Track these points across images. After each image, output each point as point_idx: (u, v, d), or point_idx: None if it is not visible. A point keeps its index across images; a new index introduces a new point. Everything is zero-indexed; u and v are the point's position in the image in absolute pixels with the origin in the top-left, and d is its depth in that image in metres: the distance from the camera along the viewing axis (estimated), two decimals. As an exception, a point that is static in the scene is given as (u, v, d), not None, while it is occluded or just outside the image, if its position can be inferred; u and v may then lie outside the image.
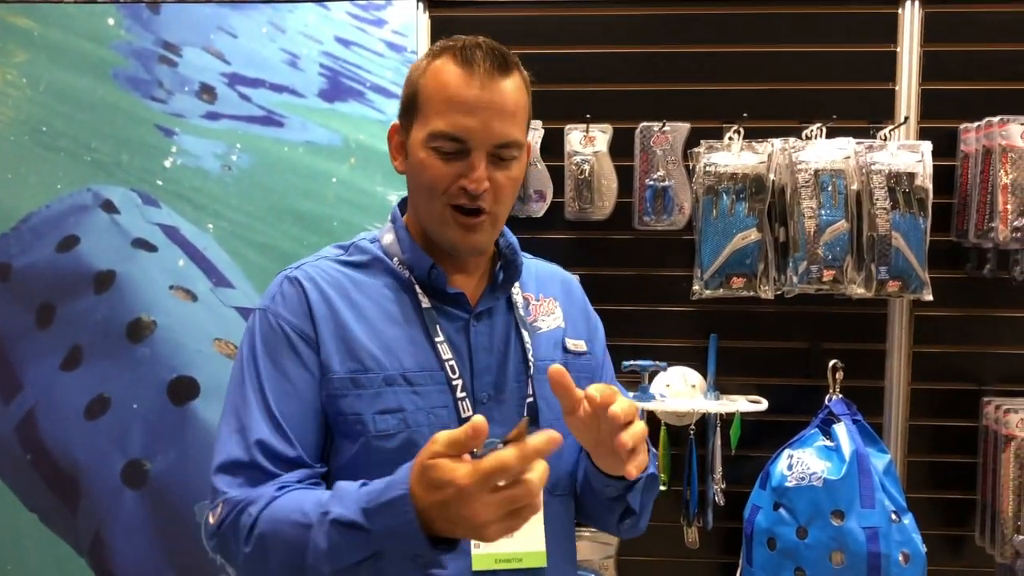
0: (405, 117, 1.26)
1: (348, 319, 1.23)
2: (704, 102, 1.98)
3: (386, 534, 1.02)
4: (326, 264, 1.28)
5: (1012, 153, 1.81)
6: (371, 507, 1.03)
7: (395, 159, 1.30)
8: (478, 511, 0.94)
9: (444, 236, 1.23)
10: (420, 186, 1.22)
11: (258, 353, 1.23)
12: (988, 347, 1.97)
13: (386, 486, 1.03)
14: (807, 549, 1.67)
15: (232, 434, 1.20)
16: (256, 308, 1.27)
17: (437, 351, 1.23)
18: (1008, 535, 1.85)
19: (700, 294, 1.89)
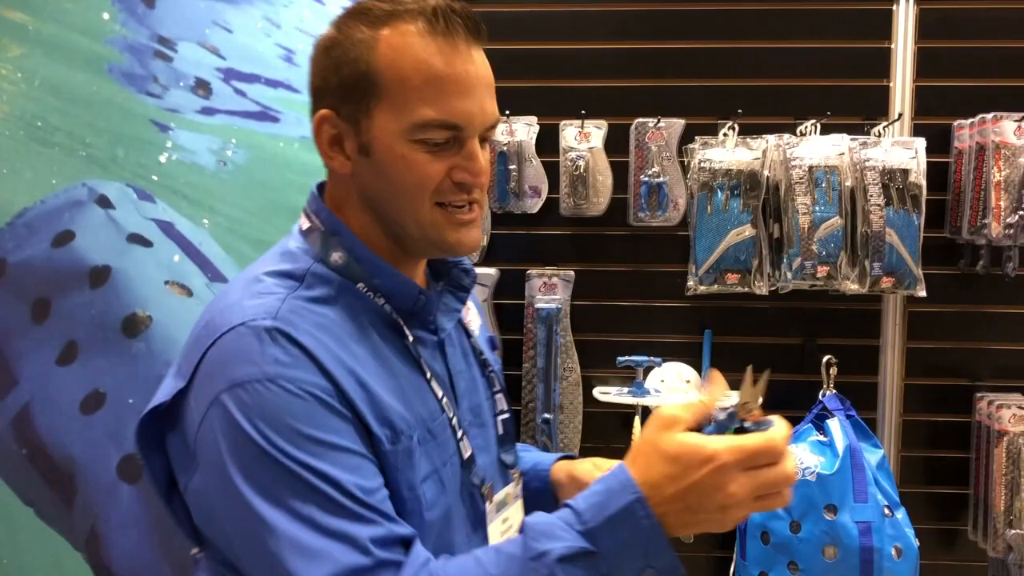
0: (347, 104, 1.01)
1: (362, 374, 0.97)
2: (699, 98, 1.99)
3: (619, 551, 0.89)
4: (296, 305, 0.98)
5: (1005, 150, 1.82)
6: (595, 526, 0.88)
7: (331, 158, 1.03)
8: (734, 492, 0.85)
9: (437, 241, 1.04)
10: (398, 188, 1.01)
11: (285, 440, 0.90)
12: (981, 343, 1.98)
13: (604, 497, 0.90)
14: (800, 543, 1.68)
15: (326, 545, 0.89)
16: (237, 386, 0.91)
17: (433, 390, 1.05)
18: (1000, 529, 1.86)
19: (695, 290, 1.89)
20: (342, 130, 1.02)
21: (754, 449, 0.87)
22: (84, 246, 2.18)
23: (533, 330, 1.98)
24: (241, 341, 0.94)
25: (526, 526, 0.92)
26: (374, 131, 1.00)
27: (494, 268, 2.01)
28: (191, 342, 1.01)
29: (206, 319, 1.00)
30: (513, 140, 1.97)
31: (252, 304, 0.97)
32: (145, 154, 2.15)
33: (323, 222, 1.06)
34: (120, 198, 2.16)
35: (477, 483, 1.08)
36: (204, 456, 0.95)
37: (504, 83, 2.02)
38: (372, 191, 1.03)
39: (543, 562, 0.88)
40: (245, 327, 0.94)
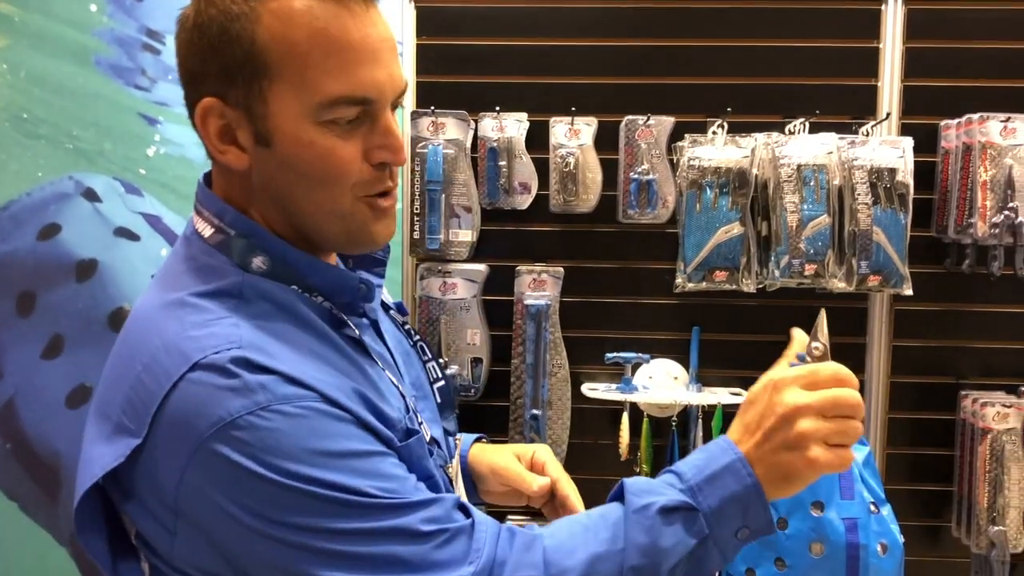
0: (233, 88, 0.87)
1: (345, 382, 0.89)
2: (688, 96, 1.99)
3: (719, 509, 0.90)
4: (254, 325, 0.87)
5: (991, 150, 1.84)
6: (696, 483, 0.90)
7: (222, 152, 0.90)
8: (797, 406, 0.89)
9: (358, 236, 0.94)
10: (312, 180, 0.89)
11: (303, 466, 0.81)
12: (966, 341, 1.99)
13: (705, 459, 0.92)
14: (787, 540, 1.69)
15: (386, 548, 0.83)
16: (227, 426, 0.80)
17: (390, 378, 0.99)
18: (983, 526, 1.87)
19: (683, 287, 1.90)
20: (232, 119, 0.89)
21: (813, 368, 0.93)
22: (70, 239, 2.17)
23: (522, 326, 1.99)
24: (211, 379, 0.82)
25: (626, 485, 0.92)
26: (272, 117, 0.87)
27: (483, 264, 2.01)
28: (128, 389, 0.86)
29: (142, 361, 0.86)
30: (503, 136, 1.97)
31: (204, 334, 0.84)
32: (133, 147, 2.15)
33: (230, 224, 0.92)
34: (107, 191, 2.16)
35: (441, 463, 1.04)
36: (197, 517, 0.83)
37: (495, 79, 2.05)
38: (279, 185, 0.90)
39: (645, 514, 0.89)
40: (210, 361, 0.82)
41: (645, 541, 0.88)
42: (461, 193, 1.99)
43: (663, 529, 0.88)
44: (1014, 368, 1.98)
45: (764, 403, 0.92)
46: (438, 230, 1.97)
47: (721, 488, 0.90)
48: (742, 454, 0.91)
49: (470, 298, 2.00)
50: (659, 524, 0.88)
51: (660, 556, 0.88)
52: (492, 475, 1.19)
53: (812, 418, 0.90)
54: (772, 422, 0.90)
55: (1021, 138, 1.85)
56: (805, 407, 0.90)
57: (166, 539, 0.87)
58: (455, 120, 1.98)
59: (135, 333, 0.91)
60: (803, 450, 0.89)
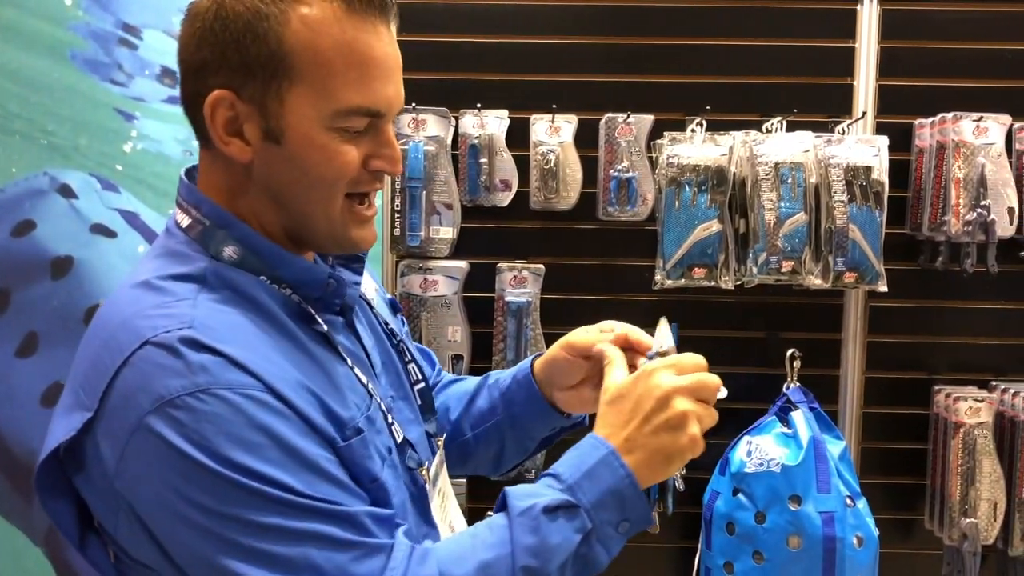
0: (251, 84, 0.90)
1: (294, 374, 0.90)
2: (668, 94, 2.01)
3: (598, 503, 0.93)
4: (210, 308, 0.89)
5: (964, 149, 1.87)
6: (574, 481, 0.93)
7: (227, 143, 0.92)
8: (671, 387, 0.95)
9: (340, 238, 0.98)
10: (314, 178, 0.93)
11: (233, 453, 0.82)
12: (940, 337, 2.02)
13: (578, 457, 0.95)
14: (765, 533, 1.71)
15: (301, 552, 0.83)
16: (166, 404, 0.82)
17: (358, 376, 1.00)
18: (955, 518, 1.91)
19: (662, 284, 1.92)
20: (241, 113, 0.92)
21: (677, 358, 1.00)
22: (45, 236, 2.15)
23: (503, 323, 1.99)
24: (158, 357, 0.84)
25: (508, 492, 0.95)
26: (287, 116, 0.91)
27: (464, 261, 2.01)
28: (88, 366, 0.89)
29: (102, 338, 0.89)
30: (484, 133, 1.98)
31: (160, 314, 0.87)
32: (109, 143, 2.12)
33: (206, 215, 0.95)
34: (83, 187, 2.13)
35: (413, 466, 1.05)
36: (134, 494, 0.85)
37: (475, 76, 2.05)
38: (279, 180, 0.94)
39: (529, 515, 0.91)
40: (160, 339, 0.85)
41: (532, 541, 0.91)
42: (442, 190, 1.99)
43: (548, 527, 0.91)
44: (986, 364, 2.02)
45: (640, 391, 0.97)
46: (419, 227, 1.97)
47: (598, 482, 0.93)
48: (613, 447, 0.95)
49: (451, 295, 2.00)
50: (544, 523, 0.91)
51: (549, 554, 0.91)
52: (565, 352, 1.18)
53: (687, 398, 0.96)
54: (651, 404, 0.95)
55: (993, 137, 1.88)
56: (681, 388, 0.96)
57: (112, 521, 0.89)
58: (436, 117, 1.98)
59: (102, 312, 0.94)
60: (685, 428, 0.95)
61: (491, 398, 1.26)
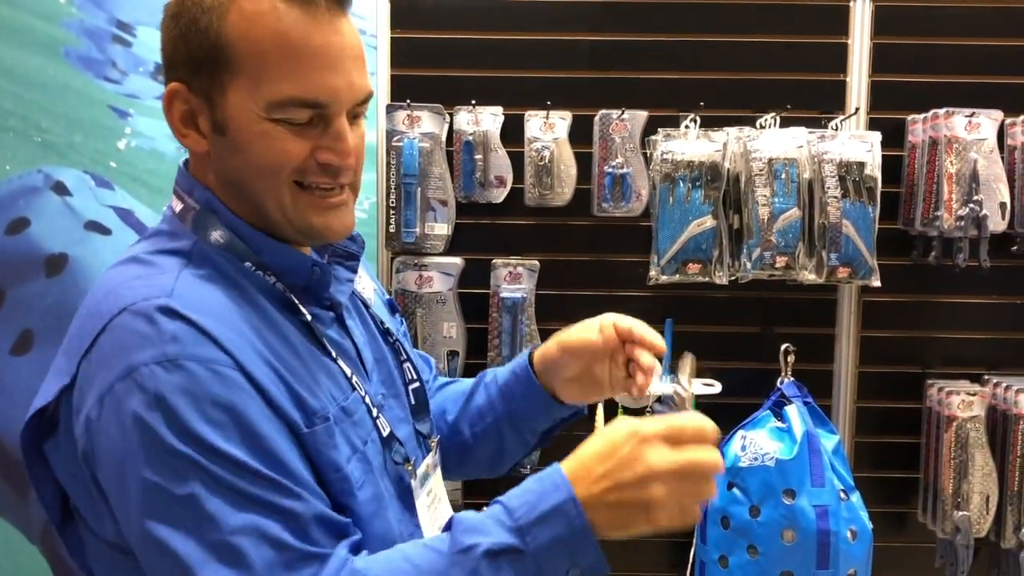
0: (198, 77, 0.92)
1: (267, 354, 0.90)
2: (662, 91, 2.01)
3: (547, 550, 0.87)
4: (191, 281, 0.90)
5: (957, 144, 1.88)
6: (526, 523, 0.87)
7: (183, 135, 0.95)
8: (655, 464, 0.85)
9: (302, 227, 0.97)
10: (256, 168, 0.93)
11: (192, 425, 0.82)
12: (932, 332, 2.04)
13: (537, 496, 0.88)
14: (760, 527, 1.72)
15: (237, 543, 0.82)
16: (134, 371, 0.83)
17: (341, 368, 0.99)
18: (948, 512, 1.92)
19: (656, 280, 1.92)
20: (194, 105, 0.94)
21: (679, 423, 0.88)
22: (40, 233, 2.14)
23: (498, 319, 2.00)
24: (134, 324, 0.85)
25: (454, 521, 0.89)
26: (229, 108, 0.92)
27: (459, 258, 2.02)
28: (73, 334, 0.91)
29: (88, 308, 0.91)
30: (479, 130, 1.98)
31: (142, 284, 0.89)
32: (103, 140, 2.12)
33: (197, 200, 0.97)
34: (77, 185, 2.13)
35: (399, 461, 1.04)
36: (96, 458, 0.86)
37: (470, 72, 2.05)
38: (230, 171, 0.95)
39: (470, 556, 0.86)
40: (138, 307, 0.86)
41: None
42: (437, 187, 1.99)
43: (488, 573, 0.86)
44: (979, 357, 2.03)
45: (624, 454, 0.87)
46: (414, 223, 1.98)
47: (549, 529, 0.87)
48: (574, 494, 0.87)
49: (446, 291, 2.00)
50: (484, 567, 0.86)
51: None
52: (560, 351, 1.19)
53: (669, 483, 0.87)
54: (628, 477, 0.87)
55: (985, 133, 1.89)
56: (665, 473, 0.87)
57: (77, 491, 0.91)
58: (430, 114, 1.99)
59: (93, 288, 0.95)
60: (648, 511, 0.87)
61: (489, 395, 1.25)
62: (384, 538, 0.97)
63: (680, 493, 0.88)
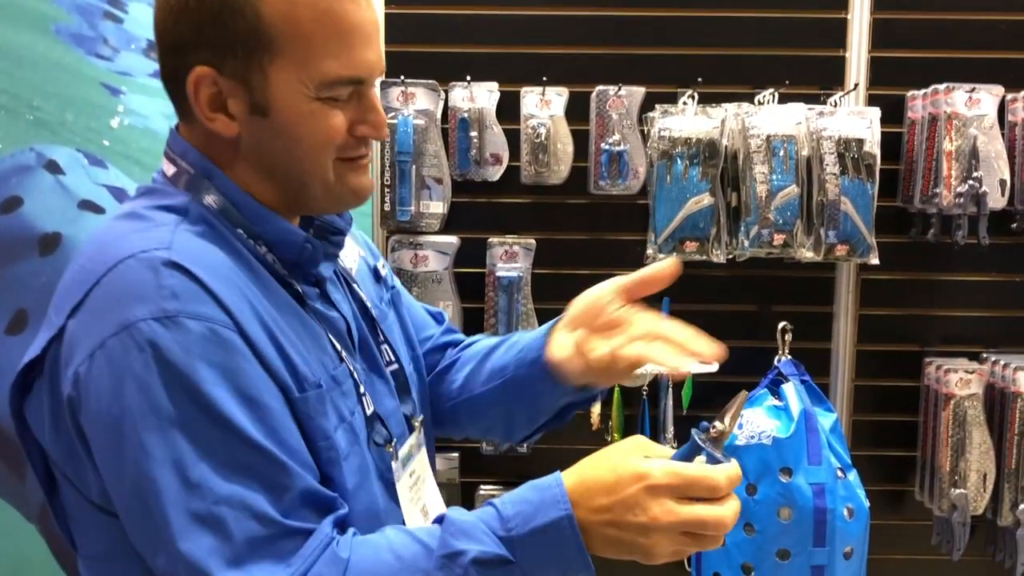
0: (231, 60, 0.90)
1: (264, 316, 0.89)
2: (659, 66, 1.99)
3: (537, 563, 0.85)
4: (188, 236, 0.89)
5: (957, 121, 1.86)
6: (518, 536, 0.85)
7: (210, 119, 0.92)
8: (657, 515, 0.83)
9: (341, 194, 0.98)
10: (304, 147, 0.93)
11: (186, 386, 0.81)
12: (931, 309, 2.03)
13: (534, 508, 0.86)
14: (756, 505, 1.72)
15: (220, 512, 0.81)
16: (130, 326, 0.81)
17: (331, 340, 0.99)
18: (945, 489, 1.92)
19: (654, 258, 1.91)
20: (225, 89, 0.91)
21: (690, 477, 0.84)
22: (33, 212, 2.13)
23: (494, 298, 1.99)
24: (132, 275, 0.83)
25: (447, 521, 0.87)
26: (272, 90, 0.91)
27: (455, 236, 2.01)
28: (63, 288, 0.89)
29: (80, 262, 0.89)
30: (474, 107, 1.96)
31: (139, 237, 0.87)
32: (96, 118, 2.10)
33: (192, 164, 0.94)
34: (70, 163, 2.11)
35: (381, 442, 1.03)
36: (88, 415, 0.84)
37: (465, 48, 2.02)
38: (270, 152, 0.94)
39: (457, 562, 0.84)
40: (135, 259, 0.84)
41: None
42: (432, 164, 1.98)
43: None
44: (977, 335, 2.02)
45: (629, 495, 0.84)
46: (409, 202, 1.96)
47: (543, 545, 0.85)
48: (573, 515, 0.85)
49: (441, 270, 1.99)
50: (471, 574, 0.84)
51: None
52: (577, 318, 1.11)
53: (670, 536, 0.85)
54: (629, 520, 0.85)
55: (985, 109, 1.87)
56: (667, 525, 0.84)
57: (60, 453, 0.89)
58: (425, 90, 1.97)
59: (89, 242, 0.93)
60: (644, 554, 0.86)
61: (505, 357, 1.20)
62: (368, 511, 0.96)
63: (680, 544, 0.86)
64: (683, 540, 0.85)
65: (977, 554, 1.99)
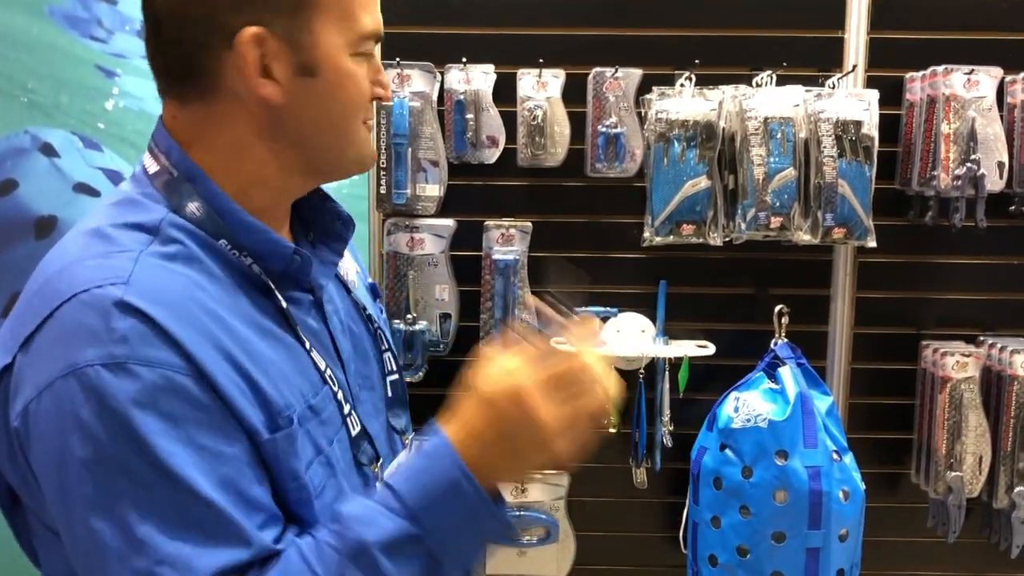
0: (280, 19, 0.88)
1: (232, 350, 0.84)
2: (656, 48, 1.98)
3: (447, 528, 0.84)
4: (151, 265, 0.83)
5: (955, 103, 1.85)
6: (420, 507, 0.83)
7: (261, 84, 0.89)
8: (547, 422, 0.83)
9: (359, 159, 0.99)
10: (345, 107, 0.94)
11: (129, 436, 0.77)
12: (928, 292, 2.02)
13: (428, 475, 0.84)
14: (752, 488, 1.72)
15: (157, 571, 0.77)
16: (77, 371, 0.78)
17: (314, 360, 0.95)
18: (941, 472, 1.92)
19: (650, 241, 1.90)
20: (271, 50, 0.88)
21: (555, 373, 0.86)
22: (28, 195, 2.13)
23: (490, 281, 1.98)
24: (84, 314, 0.79)
25: (342, 516, 0.84)
26: (320, 48, 0.90)
27: (451, 219, 2.00)
28: (22, 310, 0.85)
29: (39, 282, 0.85)
30: (470, 89, 1.95)
31: (97, 265, 0.82)
32: (91, 100, 2.09)
33: (175, 165, 0.91)
34: (65, 146, 2.11)
35: (365, 461, 1.00)
36: (34, 453, 0.81)
37: (461, 30, 2.01)
38: (312, 117, 0.92)
39: (366, 554, 0.81)
40: (89, 295, 0.80)
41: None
42: (428, 147, 1.97)
43: (389, 567, 0.81)
44: (974, 318, 2.02)
45: (511, 420, 0.85)
46: (404, 185, 1.95)
47: (445, 508, 0.83)
48: (466, 468, 0.83)
49: (438, 253, 1.99)
50: (384, 562, 0.81)
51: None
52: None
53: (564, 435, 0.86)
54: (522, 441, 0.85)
55: (984, 90, 1.86)
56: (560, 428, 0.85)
57: (16, 478, 0.86)
58: (421, 72, 1.95)
59: (48, 256, 0.89)
60: (549, 461, 0.86)
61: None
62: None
63: (576, 436, 0.88)
64: (577, 431, 0.87)
65: (972, 536, 2.00)
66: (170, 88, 0.94)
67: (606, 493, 2.05)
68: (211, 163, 0.92)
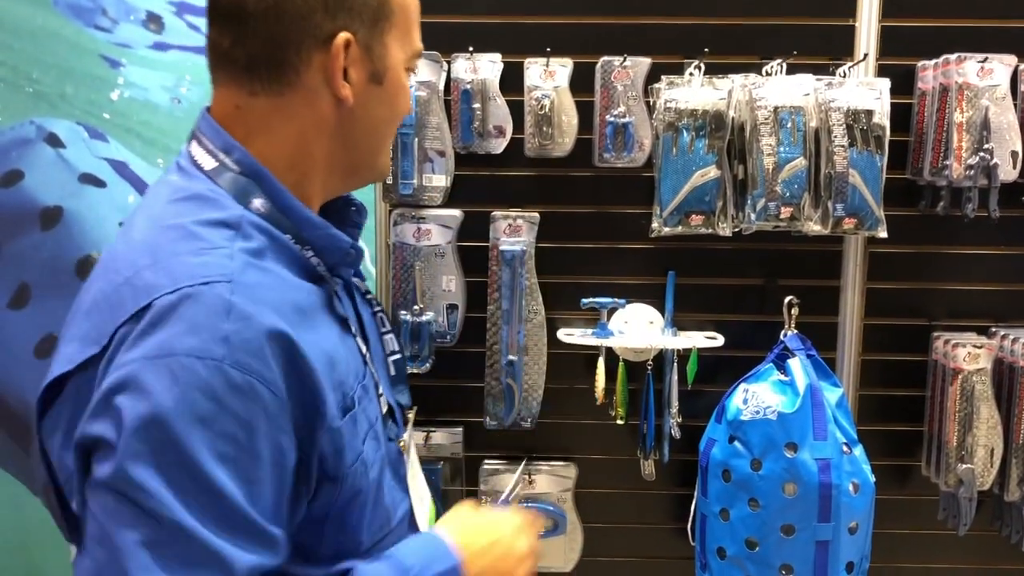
0: (365, 28, 0.96)
1: (323, 343, 0.90)
2: (665, 37, 1.96)
3: None
4: (246, 263, 0.86)
5: (968, 91, 1.83)
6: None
7: (343, 86, 0.96)
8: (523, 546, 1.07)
9: (384, 169, 1.08)
10: (397, 116, 1.03)
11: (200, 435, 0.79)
12: (939, 283, 2.00)
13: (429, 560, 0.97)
14: (761, 480, 1.71)
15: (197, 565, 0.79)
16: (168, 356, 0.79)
17: (358, 344, 1.02)
18: (952, 464, 1.91)
19: (659, 231, 1.89)
20: (352, 56, 0.96)
21: (529, 520, 1.12)
22: (34, 186, 2.12)
23: (497, 272, 1.97)
24: (189, 308, 0.80)
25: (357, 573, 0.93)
26: (389, 59, 0.99)
27: (458, 210, 1.99)
28: (103, 298, 0.85)
29: (125, 275, 0.85)
30: (477, 78, 1.93)
31: (200, 262, 0.84)
32: (96, 91, 2.09)
33: (237, 162, 0.94)
34: (71, 136, 2.10)
35: (393, 437, 1.08)
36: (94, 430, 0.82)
37: (468, 19, 1.99)
38: (373, 121, 1.01)
39: None
40: (195, 291, 0.81)
41: None
42: (434, 137, 1.95)
43: None
44: (986, 309, 2.00)
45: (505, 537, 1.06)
46: (411, 175, 1.94)
47: None
48: (458, 562, 0.98)
49: (445, 244, 1.98)
50: None
51: None
52: None
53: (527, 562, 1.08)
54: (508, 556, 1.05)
55: (998, 79, 1.84)
56: (531, 555, 1.09)
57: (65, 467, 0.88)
58: (427, 61, 1.94)
59: (124, 249, 0.89)
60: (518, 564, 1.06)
61: None
62: (388, 510, 1.02)
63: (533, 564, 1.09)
64: (534, 562, 1.09)
65: (983, 529, 1.99)
66: (242, 78, 0.95)
67: (614, 485, 2.05)
68: (272, 155, 0.95)
